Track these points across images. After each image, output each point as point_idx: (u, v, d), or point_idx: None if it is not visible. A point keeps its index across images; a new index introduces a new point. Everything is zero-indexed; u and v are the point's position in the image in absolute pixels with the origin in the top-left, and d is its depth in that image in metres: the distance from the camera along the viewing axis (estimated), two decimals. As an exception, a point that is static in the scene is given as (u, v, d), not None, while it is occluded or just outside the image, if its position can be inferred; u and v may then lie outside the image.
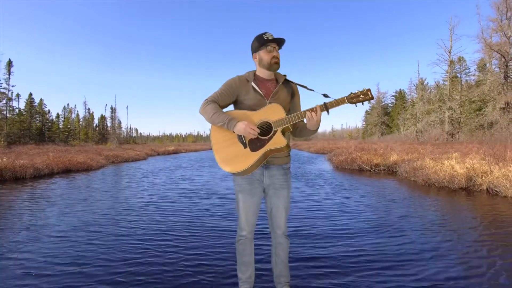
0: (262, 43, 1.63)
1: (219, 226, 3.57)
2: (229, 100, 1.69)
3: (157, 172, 10.60)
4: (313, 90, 1.69)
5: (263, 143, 1.58)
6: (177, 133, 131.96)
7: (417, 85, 32.69)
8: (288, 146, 1.65)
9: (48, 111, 35.21)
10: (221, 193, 5.86)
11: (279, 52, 1.70)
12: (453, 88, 24.74)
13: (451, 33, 23.82)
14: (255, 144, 1.59)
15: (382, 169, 9.29)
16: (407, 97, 41.39)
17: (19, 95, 32.17)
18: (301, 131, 1.73)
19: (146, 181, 8.01)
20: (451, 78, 25.04)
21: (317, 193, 5.68)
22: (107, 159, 14.58)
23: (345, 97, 1.54)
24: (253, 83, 1.66)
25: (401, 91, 47.07)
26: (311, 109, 1.55)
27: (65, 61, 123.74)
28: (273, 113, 1.59)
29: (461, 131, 23.33)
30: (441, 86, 27.39)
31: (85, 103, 45.81)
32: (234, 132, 1.58)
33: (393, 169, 8.92)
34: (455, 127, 23.86)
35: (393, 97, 49.35)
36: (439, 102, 25.66)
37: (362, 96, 1.52)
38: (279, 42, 1.64)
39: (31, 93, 32.56)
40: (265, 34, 1.63)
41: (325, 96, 1.61)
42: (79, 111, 48.64)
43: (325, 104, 1.55)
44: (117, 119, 48.48)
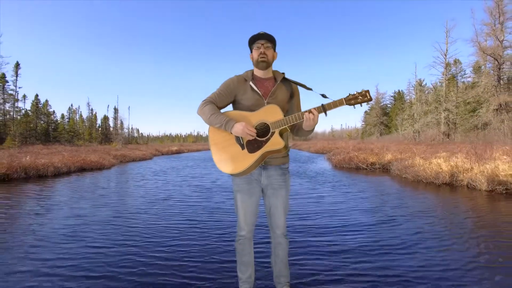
0: (251, 41, 1.67)
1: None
2: (227, 100, 1.70)
3: (166, 170, 11.25)
4: (311, 89, 1.69)
5: (260, 145, 1.58)
6: (177, 133, 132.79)
7: (414, 86, 33.45)
8: (286, 147, 1.65)
9: (53, 111, 35.95)
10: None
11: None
12: (449, 90, 25.45)
13: (447, 36, 24.52)
14: (252, 145, 1.59)
15: (377, 167, 9.97)
16: (406, 98, 42.09)
17: (26, 96, 32.94)
18: (299, 130, 1.74)
19: (159, 179, 8.66)
20: (448, 79, 25.78)
21: (319, 188, 6.35)
22: (116, 159, 15.25)
23: (343, 98, 1.53)
24: (251, 83, 1.66)
25: (400, 91, 47.80)
26: (308, 111, 1.54)
27: (67, 61, 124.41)
28: (270, 114, 1.59)
29: (456, 131, 24.04)
30: (437, 87, 28.09)
31: (88, 103, 46.65)
32: (231, 133, 1.59)
33: (387, 167, 9.60)
34: (451, 128, 24.58)
35: (391, 98, 50.05)
36: (435, 103, 26.37)
37: (360, 97, 1.51)
38: (266, 38, 1.63)
39: (37, 94, 33.38)
40: (258, 33, 1.64)
41: (324, 96, 1.60)
42: (82, 112, 49.38)
43: (323, 105, 1.54)
44: (119, 120, 49.18)
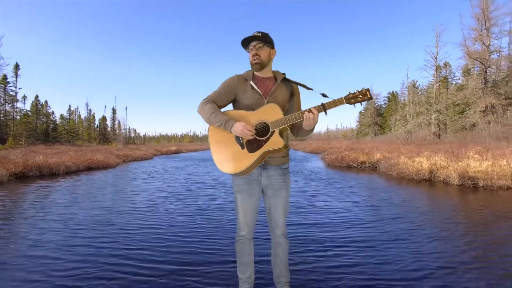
0: (244, 45, 1.69)
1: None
2: (228, 99, 1.71)
3: (168, 169, 11.87)
4: (311, 89, 1.69)
5: (260, 144, 1.58)
6: (173, 134, 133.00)
7: (407, 87, 34.47)
8: (286, 146, 1.65)
9: (52, 112, 36.32)
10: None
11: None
12: (440, 92, 26.45)
13: (437, 40, 25.53)
14: (252, 145, 1.59)
15: (367, 166, 10.73)
16: (400, 99, 43.12)
17: (25, 97, 33.31)
18: (298, 130, 1.73)
19: (164, 176, 9.29)
20: (440, 81, 26.80)
21: (316, 185, 7.06)
22: (119, 158, 15.82)
23: (343, 97, 1.53)
24: (251, 82, 1.67)
25: (394, 92, 48.83)
26: (308, 110, 1.54)
27: (65, 60, 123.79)
28: (270, 113, 1.59)
29: (446, 132, 25.02)
30: (428, 89, 29.08)
31: (87, 104, 46.95)
32: (231, 132, 1.59)
33: (376, 166, 10.36)
34: (441, 129, 25.57)
35: (386, 99, 51.12)
36: (426, 104, 27.36)
37: (360, 96, 1.51)
38: (257, 39, 1.63)
39: (37, 95, 33.86)
40: (247, 37, 1.65)
41: (324, 95, 1.60)
42: (80, 112, 49.68)
43: (322, 104, 1.54)
44: (117, 120, 49.54)
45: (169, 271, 2.36)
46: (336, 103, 1.53)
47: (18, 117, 31.33)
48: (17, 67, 31.16)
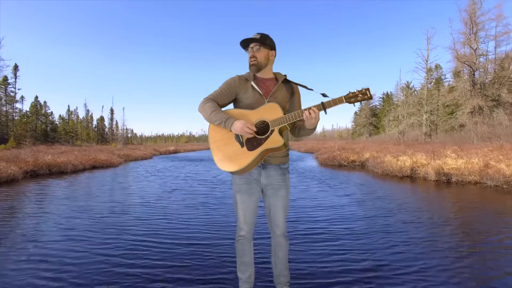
0: (243, 47, 1.73)
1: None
2: (228, 98, 1.72)
3: (169, 168, 12.44)
4: (312, 89, 1.70)
5: (260, 142, 1.59)
6: (170, 134, 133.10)
7: (401, 89, 35.36)
8: (285, 145, 1.65)
9: (51, 112, 36.69)
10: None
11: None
12: (430, 93, 27.32)
13: (427, 44, 26.35)
14: (252, 143, 1.60)
15: (357, 164, 11.42)
16: (394, 99, 44.00)
17: (24, 98, 33.60)
18: (300, 130, 1.74)
19: (165, 174, 9.87)
20: (433, 82, 27.70)
21: (308, 182, 7.71)
22: (121, 158, 16.35)
23: (343, 96, 1.53)
24: (252, 82, 1.69)
25: (388, 93, 49.71)
26: (308, 109, 1.55)
27: (65, 60, 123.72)
28: (270, 112, 1.61)
29: (437, 132, 25.89)
30: (419, 91, 29.95)
31: (85, 105, 47.24)
32: (231, 131, 1.60)
33: (365, 164, 11.05)
34: (432, 129, 26.43)
35: (380, 99, 52.01)
36: (418, 105, 28.21)
37: (360, 95, 1.51)
38: (255, 41, 1.67)
39: (37, 96, 34.29)
40: (244, 39, 1.67)
41: (324, 95, 1.60)
42: (79, 113, 49.96)
43: (322, 103, 1.55)
44: (115, 120, 49.90)
45: (183, 245, 2.99)
46: (336, 102, 1.54)
47: (17, 118, 31.69)
48: (16, 68, 31.56)
